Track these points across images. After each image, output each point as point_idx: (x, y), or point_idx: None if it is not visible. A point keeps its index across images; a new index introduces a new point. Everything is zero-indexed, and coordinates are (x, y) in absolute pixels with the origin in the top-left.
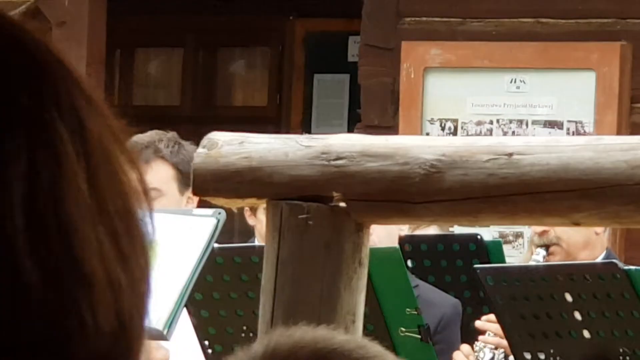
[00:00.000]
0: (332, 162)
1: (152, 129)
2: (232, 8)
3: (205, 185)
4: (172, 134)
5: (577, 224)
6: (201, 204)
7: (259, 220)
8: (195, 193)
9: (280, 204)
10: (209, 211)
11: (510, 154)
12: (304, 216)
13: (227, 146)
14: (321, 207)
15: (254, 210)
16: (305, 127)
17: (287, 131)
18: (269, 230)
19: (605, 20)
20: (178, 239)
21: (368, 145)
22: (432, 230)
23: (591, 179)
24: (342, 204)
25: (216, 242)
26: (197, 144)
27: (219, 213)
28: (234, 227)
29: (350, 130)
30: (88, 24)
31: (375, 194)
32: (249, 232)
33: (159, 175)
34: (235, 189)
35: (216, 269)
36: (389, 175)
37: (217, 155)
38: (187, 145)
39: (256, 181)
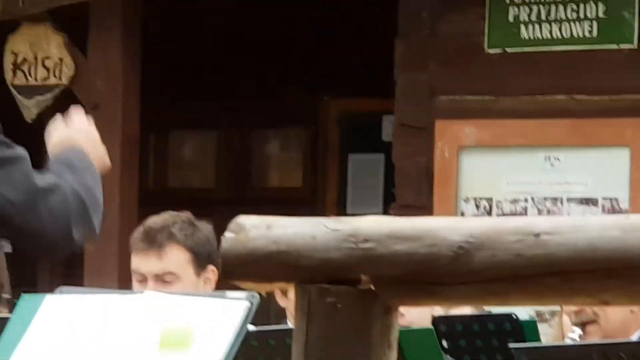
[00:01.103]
0: (360, 245)
1: (187, 211)
2: (265, 90)
3: (234, 270)
4: (186, 215)
5: (605, 303)
6: (219, 285)
7: (290, 301)
8: (224, 278)
9: (308, 288)
10: (243, 294)
11: (538, 235)
12: (332, 299)
13: (255, 230)
14: (349, 290)
15: (284, 291)
16: (340, 207)
17: (323, 211)
18: (297, 314)
19: (638, 96)
20: (211, 322)
21: (396, 227)
22: (466, 309)
23: (618, 258)
24: (371, 287)
25: (251, 323)
26: None
27: (253, 296)
28: (269, 308)
29: (385, 209)
30: (122, 107)
31: (404, 276)
32: (285, 313)
33: (174, 260)
34: (263, 273)
35: (250, 352)
36: (417, 257)
37: (244, 239)
38: (202, 225)
39: (284, 265)
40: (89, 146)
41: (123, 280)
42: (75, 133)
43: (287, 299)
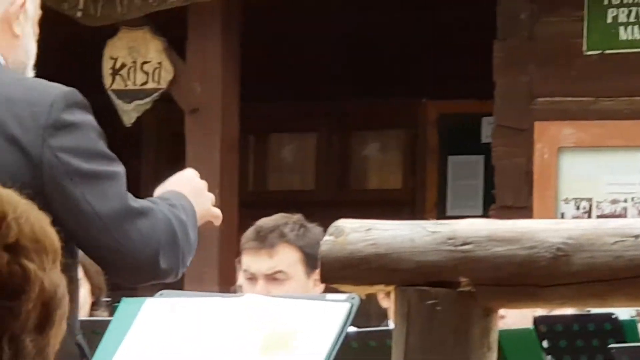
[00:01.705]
0: (459, 247)
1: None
2: (364, 92)
3: (333, 273)
4: (297, 217)
5: None
6: (332, 290)
7: (392, 302)
8: (323, 281)
9: (407, 290)
10: (343, 296)
11: (637, 236)
12: (431, 302)
13: (354, 233)
14: (449, 292)
15: (387, 292)
16: (440, 209)
17: (422, 214)
18: (397, 316)
19: None
20: (311, 324)
21: (494, 229)
22: (568, 309)
23: None
24: (470, 289)
25: (352, 325)
26: None
27: (353, 297)
28: (369, 310)
29: (485, 211)
30: (221, 111)
31: (503, 278)
32: (385, 315)
33: (285, 259)
34: (362, 276)
35: (351, 354)
36: (516, 259)
37: (344, 242)
38: (313, 227)
39: (383, 268)
40: (192, 194)
41: (224, 284)
42: (179, 181)
43: (390, 300)
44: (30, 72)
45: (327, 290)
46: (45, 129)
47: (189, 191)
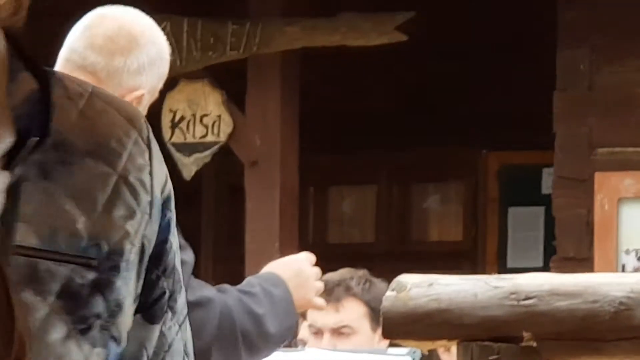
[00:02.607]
0: (522, 302)
1: (347, 267)
2: (424, 143)
3: (395, 329)
4: (363, 272)
5: None
6: (394, 344)
7: (452, 356)
8: (385, 336)
9: (470, 345)
10: (404, 350)
11: None
12: (494, 357)
13: (416, 288)
14: (511, 347)
15: (447, 347)
16: (501, 261)
17: (483, 265)
18: None
19: None
20: None
21: (557, 284)
22: None
23: None
24: (533, 344)
25: None
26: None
27: (414, 352)
28: None
29: (546, 262)
30: (280, 163)
31: (566, 332)
32: None
33: (351, 313)
34: (425, 331)
35: None
36: (579, 313)
37: (406, 297)
38: (379, 282)
39: (446, 323)
40: (293, 279)
41: None
42: (285, 264)
43: (450, 353)
44: None
45: (392, 345)
46: None
47: (290, 276)
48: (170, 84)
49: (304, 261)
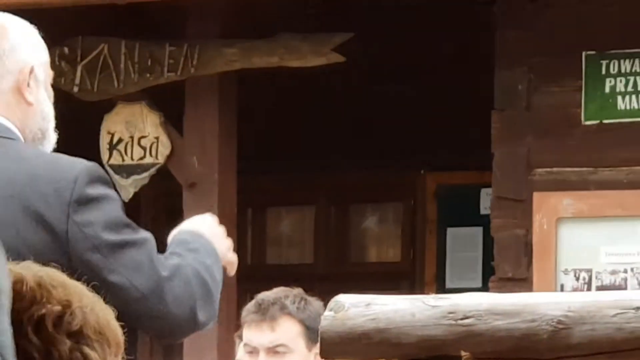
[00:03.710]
0: (460, 322)
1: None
2: (362, 165)
3: (333, 349)
4: (298, 291)
5: None
6: None
7: None
8: (322, 356)
9: None
10: None
11: (638, 308)
12: None
13: (354, 308)
14: None
15: None
16: (439, 282)
17: (422, 286)
18: None
19: None
20: None
21: (495, 303)
22: None
23: None
24: None
25: None
26: None
27: None
28: None
29: (485, 283)
30: (218, 185)
31: (504, 351)
32: None
33: (287, 332)
34: (363, 351)
35: None
36: (517, 332)
37: (343, 317)
38: (314, 301)
39: (384, 342)
40: (211, 236)
41: (223, 356)
42: (198, 223)
43: None
44: (53, 135)
45: None
46: (70, 205)
47: (208, 233)
48: (108, 106)
49: (212, 220)
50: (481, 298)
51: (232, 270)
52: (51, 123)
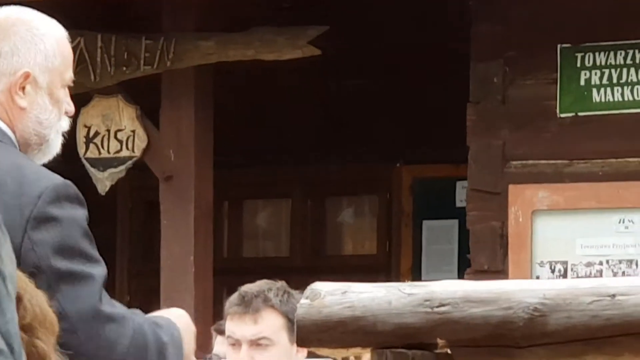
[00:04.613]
0: (436, 309)
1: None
2: (338, 158)
3: (309, 336)
4: (281, 284)
5: None
6: (311, 354)
7: None
8: (299, 344)
9: (384, 353)
10: None
11: (613, 295)
12: None
13: (330, 296)
14: (426, 354)
15: (358, 356)
16: (415, 274)
17: (398, 279)
18: None
19: None
20: None
21: (470, 291)
22: None
23: None
24: (447, 350)
25: None
26: None
27: None
28: None
29: (460, 275)
30: (195, 178)
31: (480, 339)
32: None
33: (270, 324)
34: (339, 338)
35: None
36: (493, 320)
37: (320, 305)
38: (297, 294)
39: (360, 330)
40: (184, 331)
41: (200, 349)
42: (172, 313)
43: None
44: (55, 141)
45: (310, 356)
46: (29, 220)
47: (180, 323)
48: (85, 99)
49: (185, 313)
50: (457, 286)
51: None
52: (53, 129)
